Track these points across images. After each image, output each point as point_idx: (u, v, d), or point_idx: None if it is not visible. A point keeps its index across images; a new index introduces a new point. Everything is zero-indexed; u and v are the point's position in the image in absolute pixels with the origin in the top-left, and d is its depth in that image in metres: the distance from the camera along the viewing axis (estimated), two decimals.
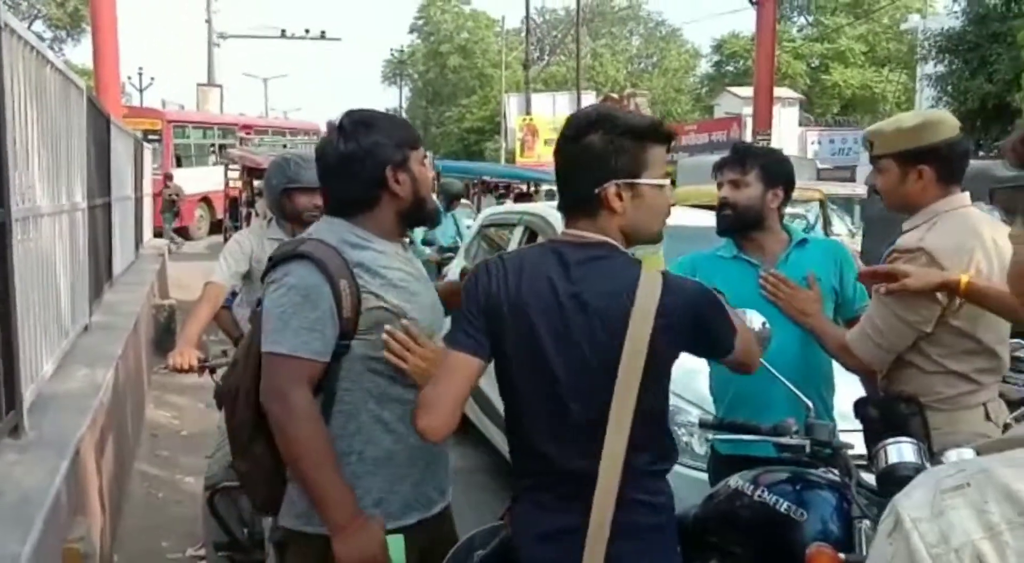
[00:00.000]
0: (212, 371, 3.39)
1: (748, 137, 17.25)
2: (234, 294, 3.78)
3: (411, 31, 51.03)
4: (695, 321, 1.64)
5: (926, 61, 20.15)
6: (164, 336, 7.77)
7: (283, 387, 1.77)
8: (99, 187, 5.72)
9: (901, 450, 1.85)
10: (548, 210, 4.90)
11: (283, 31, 32.88)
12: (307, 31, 33.19)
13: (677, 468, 3.21)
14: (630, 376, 1.56)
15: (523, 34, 33.84)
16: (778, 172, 2.59)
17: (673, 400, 3.44)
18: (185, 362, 3.14)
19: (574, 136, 1.64)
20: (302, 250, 1.83)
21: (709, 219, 2.89)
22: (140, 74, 34.58)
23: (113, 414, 3.97)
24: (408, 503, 1.90)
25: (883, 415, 2.08)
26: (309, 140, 20.66)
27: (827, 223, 10.25)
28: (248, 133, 21.80)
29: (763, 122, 13.10)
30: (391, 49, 52.24)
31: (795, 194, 2.71)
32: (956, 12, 19.46)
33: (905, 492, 0.72)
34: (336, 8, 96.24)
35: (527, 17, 27.79)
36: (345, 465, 1.84)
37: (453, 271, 6.09)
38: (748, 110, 18.33)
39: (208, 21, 31.22)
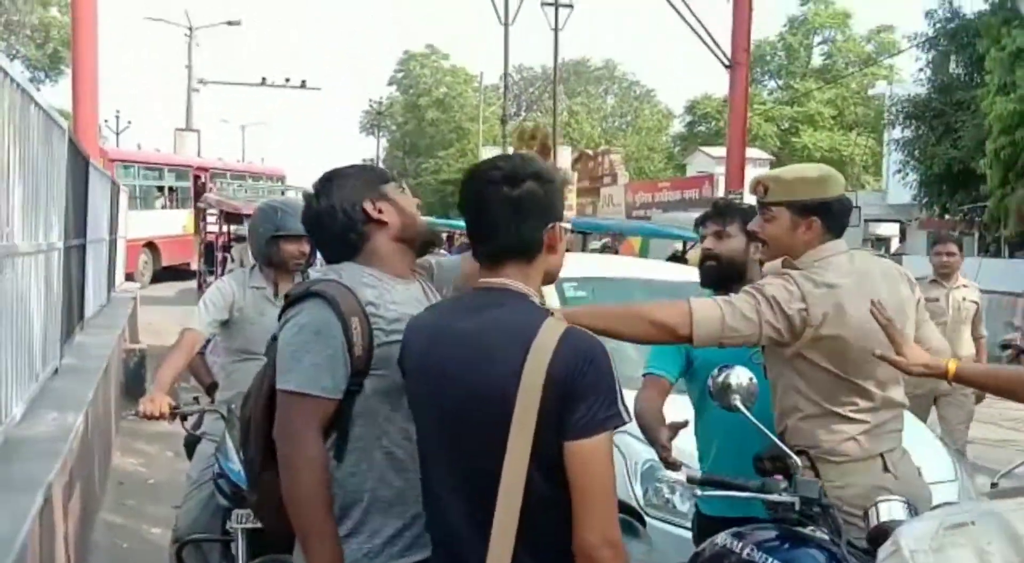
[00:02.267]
0: (183, 418, 3.32)
1: (720, 195, 17.52)
2: (207, 340, 3.72)
3: (390, 83, 51.53)
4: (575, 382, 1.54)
5: (893, 126, 20.70)
6: (134, 381, 7.62)
7: (295, 428, 1.81)
8: (75, 228, 5.65)
9: (892, 508, 1.84)
10: None
11: (263, 79, 33.15)
12: (287, 80, 33.48)
13: (659, 524, 3.24)
14: (525, 420, 1.52)
15: (501, 90, 34.28)
16: None
17: (653, 455, 3.42)
18: (156, 409, 3.08)
19: (510, 183, 1.66)
20: (315, 289, 1.87)
21: (691, 274, 2.90)
22: (117, 117, 34.07)
23: (82, 461, 3.87)
24: (416, 541, 1.89)
25: (775, 468, 2.09)
26: (273, 185, 20.19)
27: None
28: (204, 175, 20.42)
29: (735, 182, 13.32)
30: (370, 100, 52.56)
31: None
32: (922, 80, 20.11)
33: (909, 523, 0.73)
34: (317, 59, 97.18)
35: (505, 74, 28.13)
36: (357, 503, 1.86)
37: None
38: (720, 169, 18.65)
39: (188, 67, 31.40)
